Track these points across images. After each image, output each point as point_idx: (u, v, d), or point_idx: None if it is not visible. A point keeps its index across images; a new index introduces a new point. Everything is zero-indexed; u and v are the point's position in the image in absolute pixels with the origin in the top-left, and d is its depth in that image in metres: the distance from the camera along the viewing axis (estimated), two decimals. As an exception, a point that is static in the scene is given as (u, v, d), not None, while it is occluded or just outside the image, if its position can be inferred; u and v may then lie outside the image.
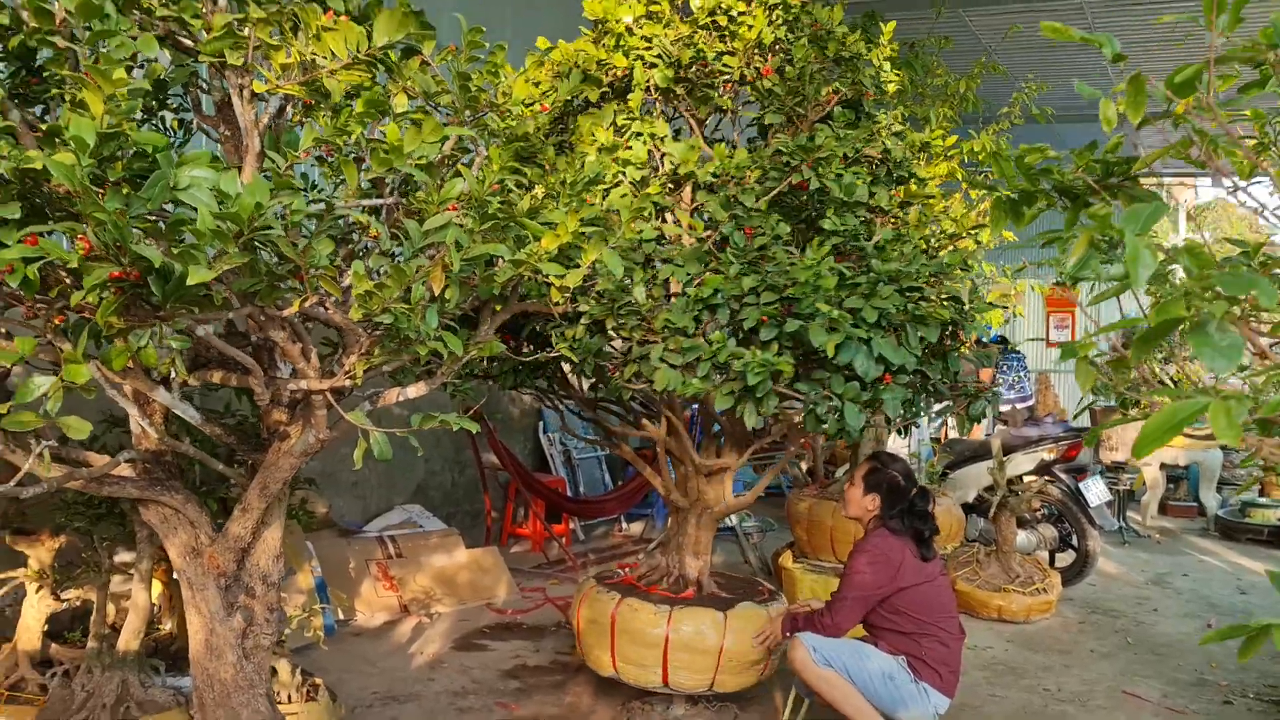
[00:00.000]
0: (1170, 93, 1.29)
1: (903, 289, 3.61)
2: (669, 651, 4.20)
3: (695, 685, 4.24)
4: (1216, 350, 0.94)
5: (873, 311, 3.43)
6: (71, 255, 1.72)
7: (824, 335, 3.30)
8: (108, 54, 1.79)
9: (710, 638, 4.18)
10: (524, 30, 8.01)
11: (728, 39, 4.11)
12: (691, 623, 4.21)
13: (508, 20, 8.26)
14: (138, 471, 2.59)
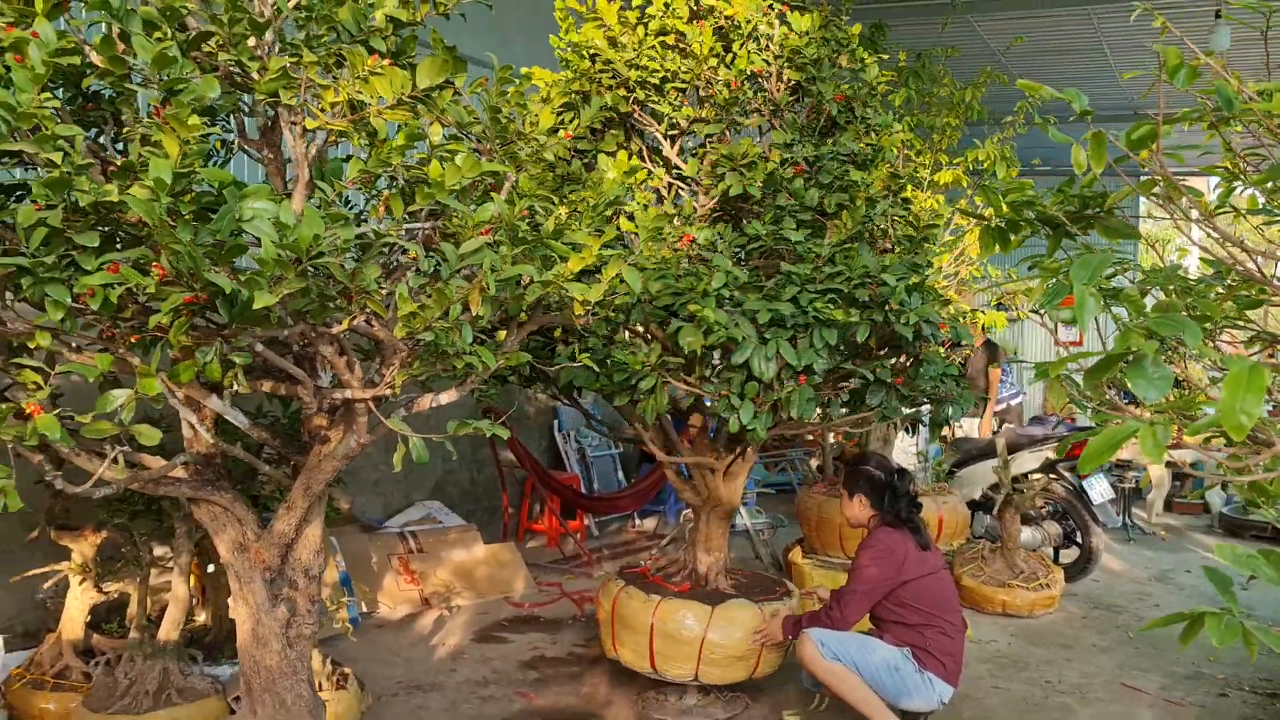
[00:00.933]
0: (1128, 147, 1.46)
1: (820, 291, 3.78)
2: (654, 639, 4.42)
3: (679, 674, 4.45)
4: (1149, 382, 1.12)
5: (766, 313, 3.62)
6: (149, 281, 1.92)
7: (692, 335, 3.51)
8: (179, 99, 1.98)
9: (693, 629, 4.37)
10: (537, 36, 8.20)
11: (681, 55, 4.30)
12: (676, 614, 4.40)
13: (523, 24, 8.44)
14: (190, 473, 2.79)
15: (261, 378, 2.60)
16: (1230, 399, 0.93)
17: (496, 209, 2.37)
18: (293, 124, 2.33)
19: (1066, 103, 1.80)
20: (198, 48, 2.25)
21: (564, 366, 3.25)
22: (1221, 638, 1.19)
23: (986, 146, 6.19)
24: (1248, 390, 0.93)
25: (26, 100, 1.99)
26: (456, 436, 2.47)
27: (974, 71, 8.20)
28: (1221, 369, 1.99)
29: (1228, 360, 0.99)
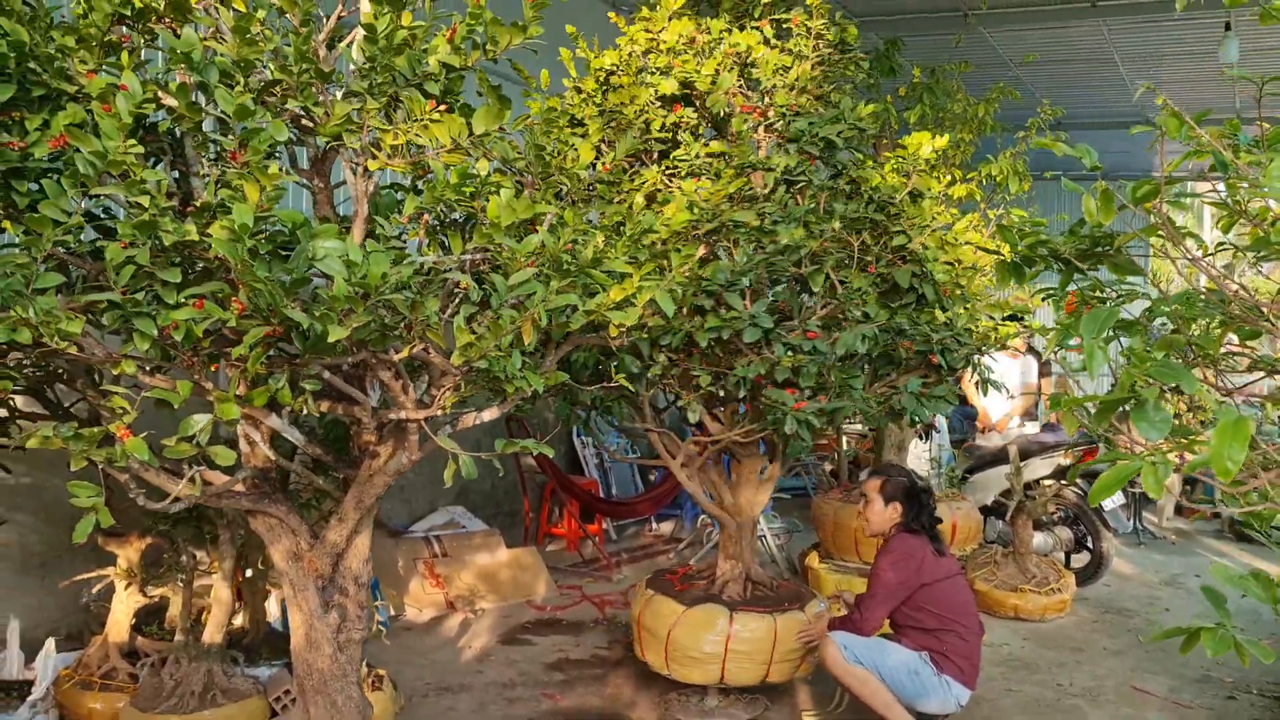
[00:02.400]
0: (1133, 201, 1.62)
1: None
2: (639, 632, 4.82)
3: (653, 663, 4.80)
4: (1150, 424, 1.27)
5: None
6: (229, 316, 2.09)
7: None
8: (254, 144, 2.15)
9: (661, 627, 4.71)
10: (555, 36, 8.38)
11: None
12: (652, 612, 4.77)
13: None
14: (248, 486, 2.96)
15: (320, 399, 2.76)
16: (1219, 447, 1.08)
17: (541, 240, 2.53)
18: (355, 164, 2.49)
19: (1084, 105, 1.95)
20: (266, 93, 2.42)
21: (603, 387, 3.41)
22: (1215, 650, 1.34)
23: (1000, 161, 6.33)
24: (1234, 440, 1.08)
25: (114, 147, 2.16)
26: (476, 442, 2.64)
27: (989, 80, 8.33)
28: (1224, 397, 2.15)
29: (1218, 411, 1.14)
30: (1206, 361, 2.17)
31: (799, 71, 4.39)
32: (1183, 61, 11.15)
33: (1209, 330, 2.05)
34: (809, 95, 4.50)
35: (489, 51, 2.58)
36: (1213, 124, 1.95)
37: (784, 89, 4.45)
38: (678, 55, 4.48)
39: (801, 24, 4.52)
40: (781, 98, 4.42)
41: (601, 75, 4.47)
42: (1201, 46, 10.47)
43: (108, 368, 2.32)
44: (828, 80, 4.54)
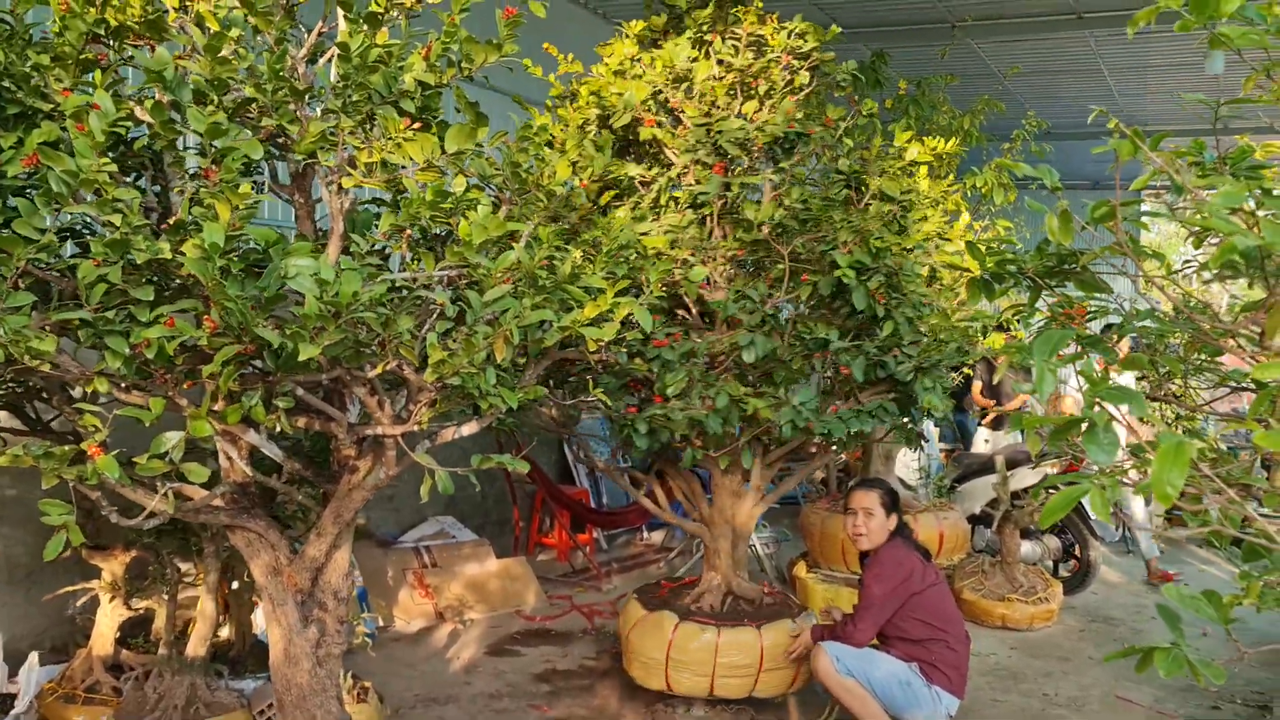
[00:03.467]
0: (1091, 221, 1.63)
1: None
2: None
3: (689, 689, 4.82)
4: (1100, 447, 1.29)
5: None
6: (201, 334, 2.09)
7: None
8: (228, 162, 2.16)
9: (623, 628, 5.05)
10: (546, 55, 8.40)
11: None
12: (625, 617, 5.08)
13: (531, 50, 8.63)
14: (226, 501, 2.96)
15: (297, 415, 2.77)
16: (1159, 472, 1.09)
17: (517, 257, 2.54)
18: (330, 182, 2.51)
19: (1067, 115, 1.97)
20: (241, 112, 2.43)
21: (579, 402, 3.42)
22: (1168, 670, 1.35)
23: (985, 173, 6.36)
24: (1174, 465, 1.09)
25: (87, 165, 2.17)
26: (464, 453, 2.65)
27: (976, 92, 8.37)
28: (1194, 408, 2.16)
29: (1160, 436, 1.15)
30: (1173, 379, 2.19)
31: (730, 81, 4.44)
32: (1169, 72, 11.21)
33: (1184, 348, 2.07)
34: (768, 105, 4.53)
35: (464, 69, 2.60)
36: (1192, 135, 1.97)
37: (724, 99, 4.49)
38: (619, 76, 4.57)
39: (750, 34, 4.55)
40: (692, 110, 4.45)
41: (581, 92, 4.53)
42: (1188, 58, 10.53)
43: (81, 385, 2.32)
44: (791, 89, 4.57)
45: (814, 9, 9.18)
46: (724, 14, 4.63)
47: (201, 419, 2.22)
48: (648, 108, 4.48)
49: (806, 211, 4.34)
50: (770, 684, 4.73)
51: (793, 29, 4.55)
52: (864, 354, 4.25)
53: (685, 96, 4.46)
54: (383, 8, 2.60)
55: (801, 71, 4.52)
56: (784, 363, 4.32)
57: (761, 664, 4.67)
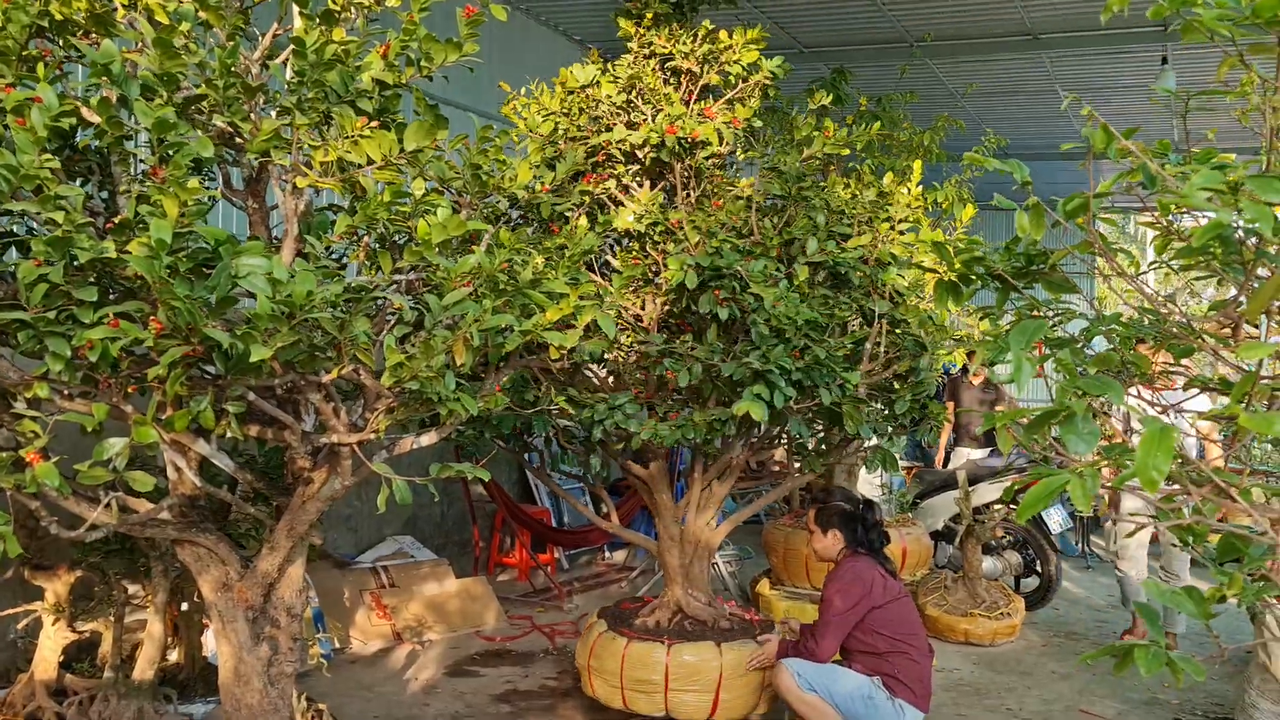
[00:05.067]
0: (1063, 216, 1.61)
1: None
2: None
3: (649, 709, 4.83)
4: (1080, 436, 1.25)
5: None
6: (147, 335, 2.01)
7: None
8: (176, 159, 2.09)
9: (580, 647, 5.07)
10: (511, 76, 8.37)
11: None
12: (583, 634, 5.08)
13: (494, 66, 8.60)
14: (175, 514, 2.86)
15: (249, 422, 2.68)
16: (1144, 459, 1.06)
17: (477, 260, 2.48)
18: (283, 181, 2.43)
19: (1024, 136, 1.95)
20: (191, 108, 2.35)
21: (541, 409, 3.36)
22: (1149, 668, 1.31)
23: (945, 188, 6.40)
24: (1159, 450, 1.06)
25: (28, 161, 2.08)
26: (425, 470, 2.57)
27: (936, 111, 8.45)
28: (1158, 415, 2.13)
29: (1144, 420, 1.12)
30: (1141, 379, 2.17)
31: (677, 98, 4.47)
32: (1121, 94, 11.41)
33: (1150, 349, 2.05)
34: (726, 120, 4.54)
35: (424, 68, 2.54)
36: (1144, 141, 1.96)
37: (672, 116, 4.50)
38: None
39: (687, 50, 4.58)
40: (612, 132, 4.46)
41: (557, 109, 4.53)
42: (1139, 80, 10.72)
43: (21, 392, 2.23)
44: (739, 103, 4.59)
45: (776, 28, 9.24)
46: (672, 32, 4.65)
47: (147, 425, 2.13)
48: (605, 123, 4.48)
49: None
50: (732, 706, 4.66)
51: (739, 43, 4.56)
52: (697, 360, 4.24)
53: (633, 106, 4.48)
54: (340, 6, 2.54)
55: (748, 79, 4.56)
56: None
57: (720, 684, 4.60)
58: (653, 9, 4.83)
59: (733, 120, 4.46)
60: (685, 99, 4.65)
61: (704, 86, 4.66)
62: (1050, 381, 1.91)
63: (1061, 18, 8.99)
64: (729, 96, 4.62)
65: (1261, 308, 1.23)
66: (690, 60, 4.58)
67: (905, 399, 4.58)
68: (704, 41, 4.57)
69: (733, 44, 4.53)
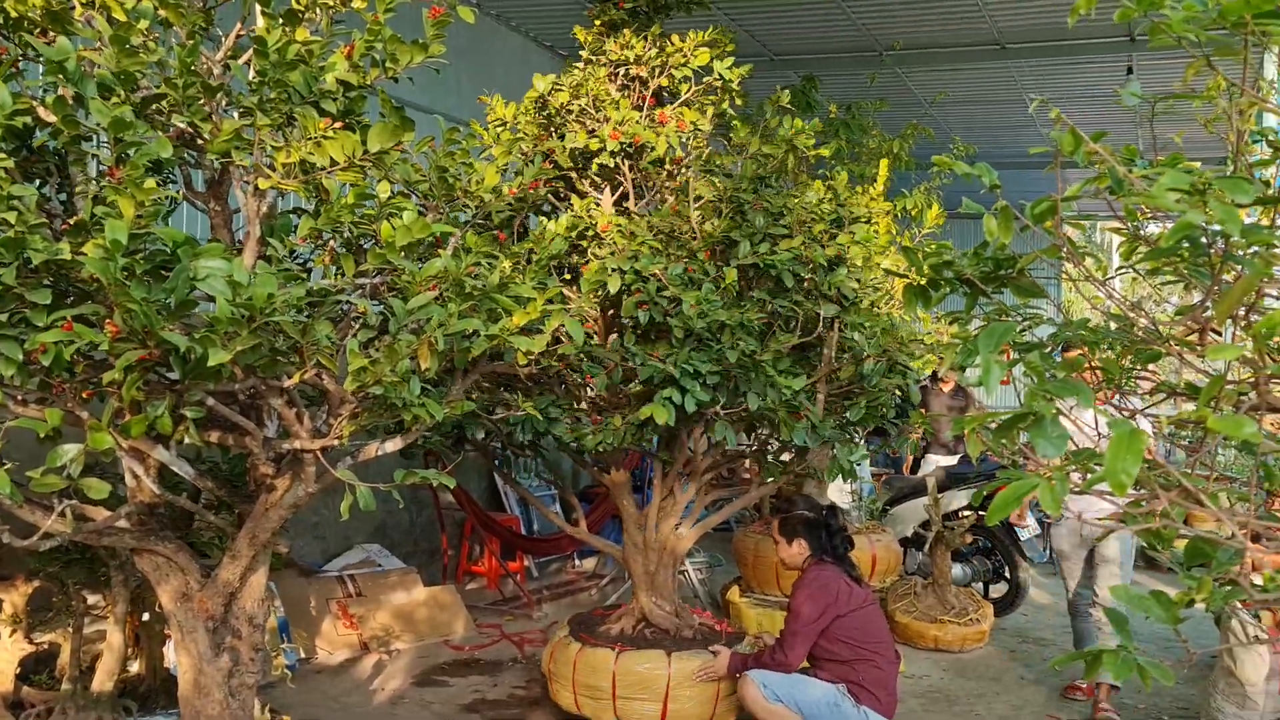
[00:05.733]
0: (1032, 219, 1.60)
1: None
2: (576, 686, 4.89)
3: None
4: (1048, 440, 1.24)
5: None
6: (102, 339, 1.96)
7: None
8: (134, 160, 2.04)
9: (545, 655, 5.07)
10: (479, 78, 8.33)
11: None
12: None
13: (463, 72, 8.56)
14: (133, 523, 2.80)
15: (209, 428, 2.63)
16: (1114, 461, 1.05)
17: (443, 264, 2.45)
18: (245, 183, 2.39)
19: (992, 144, 1.95)
20: (150, 108, 2.31)
21: (506, 415, 3.32)
22: (1118, 673, 1.30)
23: (914, 195, 6.43)
24: (1128, 452, 1.05)
25: (-20, 160, 2.03)
26: (393, 478, 2.53)
27: (905, 119, 8.50)
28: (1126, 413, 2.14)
29: (1113, 423, 1.11)
30: (1110, 385, 2.17)
31: (627, 105, 4.46)
32: (1087, 104, 11.53)
33: (1115, 355, 2.05)
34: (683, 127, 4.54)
35: (389, 69, 2.51)
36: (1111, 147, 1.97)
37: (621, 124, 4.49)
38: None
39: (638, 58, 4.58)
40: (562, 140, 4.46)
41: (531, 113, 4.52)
42: (1104, 90, 10.85)
43: (-27, 396, 2.17)
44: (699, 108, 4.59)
45: (747, 36, 9.26)
46: (624, 39, 4.65)
47: (102, 430, 2.08)
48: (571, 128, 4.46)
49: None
50: (681, 715, 4.59)
51: (690, 46, 4.55)
52: (616, 363, 4.21)
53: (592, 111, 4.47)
54: (304, 6, 2.50)
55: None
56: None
57: (668, 694, 4.55)
58: (609, 15, 4.83)
59: (679, 123, 4.44)
60: (639, 104, 4.63)
61: (665, 92, 4.65)
62: (1019, 386, 1.91)
63: (1029, 28, 9.08)
64: (682, 100, 4.60)
65: (1229, 311, 1.23)
66: (640, 66, 4.57)
67: (860, 406, 4.53)
68: (653, 46, 4.55)
69: (683, 48, 4.51)
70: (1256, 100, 1.49)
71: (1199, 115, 1.82)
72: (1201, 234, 1.23)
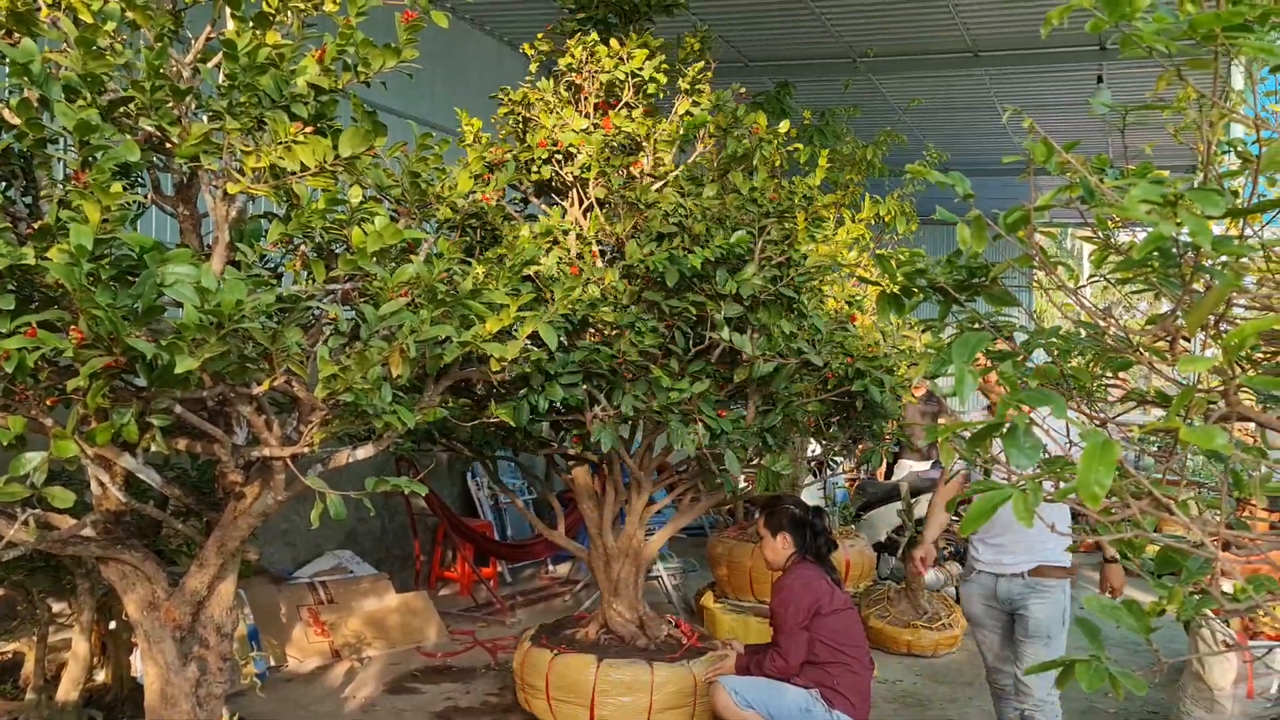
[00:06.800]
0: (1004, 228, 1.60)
1: None
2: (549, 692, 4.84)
3: None
4: (1021, 451, 1.24)
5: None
6: (67, 345, 1.93)
7: None
8: (100, 164, 2.01)
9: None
10: (453, 80, 8.30)
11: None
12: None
13: (436, 76, 8.53)
14: (99, 531, 2.76)
15: (177, 435, 2.60)
16: (1086, 473, 1.05)
17: (415, 270, 2.43)
18: (214, 187, 2.36)
19: (965, 151, 1.95)
20: (117, 111, 2.27)
21: (480, 422, 3.30)
22: (1090, 684, 1.31)
23: (888, 202, 6.46)
24: (1101, 464, 1.05)
25: (-58, 163, 1.99)
26: (367, 486, 2.50)
27: (878, 125, 8.53)
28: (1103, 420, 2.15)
29: (1085, 434, 1.11)
30: (1081, 393, 2.17)
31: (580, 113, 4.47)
32: (1059, 112, 11.64)
33: (1086, 363, 2.06)
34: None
35: (361, 74, 2.49)
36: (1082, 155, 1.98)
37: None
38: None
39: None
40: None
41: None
42: (1076, 98, 10.95)
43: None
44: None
45: (722, 42, 9.28)
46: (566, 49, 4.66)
47: (67, 438, 2.05)
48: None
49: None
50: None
51: (625, 51, 4.53)
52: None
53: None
54: (274, 8, 2.47)
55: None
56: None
57: (594, 700, 4.54)
58: (563, 28, 4.84)
59: (603, 124, 4.42)
60: (586, 112, 4.62)
61: (612, 99, 4.63)
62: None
63: (1001, 36, 9.16)
64: (623, 104, 4.57)
65: (1200, 321, 1.23)
66: (578, 74, 4.56)
67: (776, 413, 4.46)
68: (586, 51, 4.54)
69: (619, 53, 4.49)
70: (1226, 112, 1.50)
71: (1169, 125, 1.83)
72: (1172, 245, 1.23)
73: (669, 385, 4.01)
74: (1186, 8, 1.27)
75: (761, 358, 4.20)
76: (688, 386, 4.06)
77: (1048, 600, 4.35)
